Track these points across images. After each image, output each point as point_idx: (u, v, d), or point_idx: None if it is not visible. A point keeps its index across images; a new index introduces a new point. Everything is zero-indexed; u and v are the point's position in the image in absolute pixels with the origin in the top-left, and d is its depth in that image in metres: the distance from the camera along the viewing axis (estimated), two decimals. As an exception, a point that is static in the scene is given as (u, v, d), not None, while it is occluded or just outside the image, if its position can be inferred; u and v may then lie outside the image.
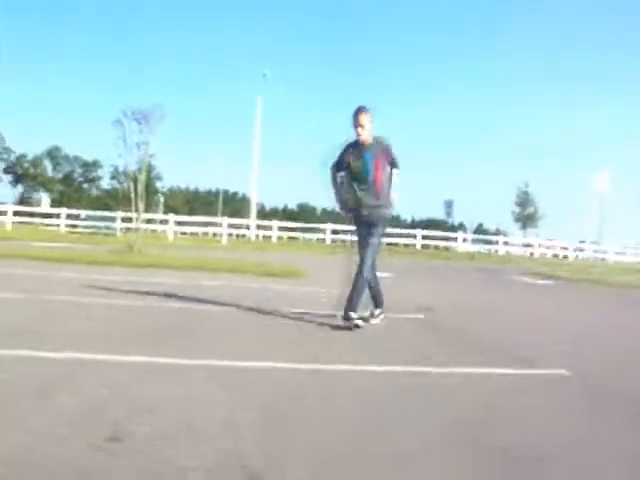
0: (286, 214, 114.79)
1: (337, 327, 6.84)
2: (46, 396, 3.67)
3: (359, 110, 7.02)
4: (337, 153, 7.27)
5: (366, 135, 7.03)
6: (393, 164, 7.19)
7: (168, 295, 8.80)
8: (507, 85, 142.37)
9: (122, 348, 5.12)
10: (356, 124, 6.99)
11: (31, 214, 41.46)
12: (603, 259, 46.55)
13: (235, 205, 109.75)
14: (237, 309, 7.94)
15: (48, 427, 3.13)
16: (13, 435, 2.99)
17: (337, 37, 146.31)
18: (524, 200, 61.71)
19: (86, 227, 37.61)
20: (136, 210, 18.25)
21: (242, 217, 49.81)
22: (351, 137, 7.14)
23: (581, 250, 49.10)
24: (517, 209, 62.03)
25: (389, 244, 39.36)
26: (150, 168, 41.87)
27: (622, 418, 4.19)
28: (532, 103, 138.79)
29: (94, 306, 7.51)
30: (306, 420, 3.65)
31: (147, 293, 8.99)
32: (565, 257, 47.84)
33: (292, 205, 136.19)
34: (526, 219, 60.92)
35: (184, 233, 41.14)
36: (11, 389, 3.80)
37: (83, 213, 43.22)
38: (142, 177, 18.32)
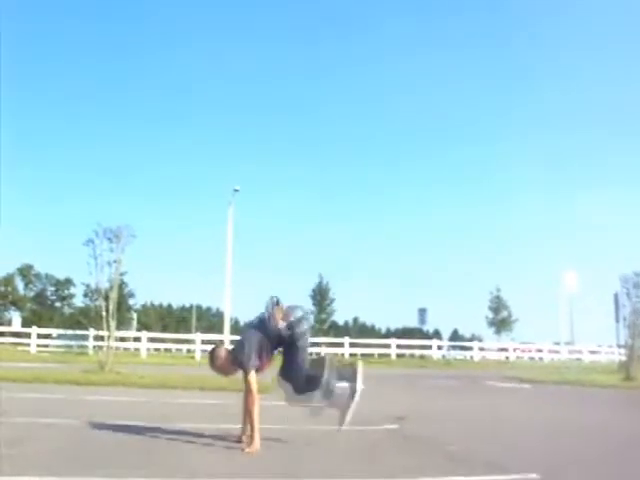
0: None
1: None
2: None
3: None
4: None
5: None
6: None
7: (141, 414, 8.69)
8: (475, 192, 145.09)
9: (86, 470, 5.05)
10: None
11: (1, 334, 40.81)
12: (578, 359, 46.65)
13: (209, 320, 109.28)
14: (202, 425, 7.87)
15: None
16: None
17: (308, 146, 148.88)
18: (497, 305, 62.09)
19: (58, 346, 37.13)
20: (108, 328, 18.18)
21: (216, 332, 49.47)
22: None
23: (556, 352, 49.20)
24: (490, 314, 62.31)
25: (364, 355, 39.25)
26: (122, 285, 41.95)
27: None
28: (502, 205, 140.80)
29: (56, 427, 7.41)
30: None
31: (117, 412, 8.87)
32: (541, 359, 47.85)
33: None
34: (500, 324, 61.12)
35: (158, 350, 40.72)
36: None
37: (55, 332, 42.71)
38: (114, 295, 18.35)
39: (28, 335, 37.18)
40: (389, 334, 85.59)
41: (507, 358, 45.51)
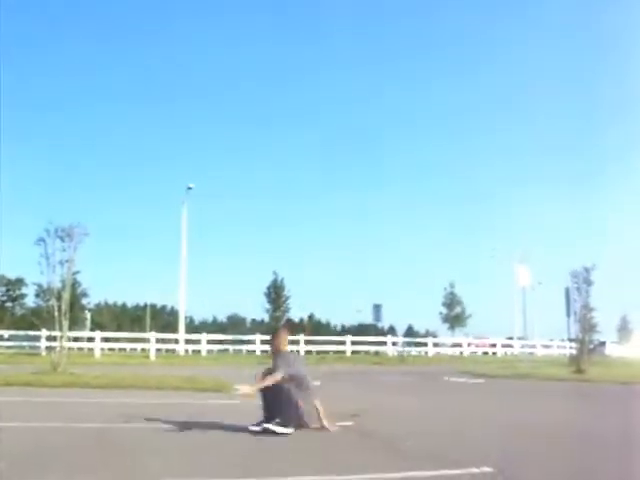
0: (215, 326, 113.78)
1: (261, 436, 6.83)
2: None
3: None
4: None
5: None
6: None
7: (95, 415, 8.62)
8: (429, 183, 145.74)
9: (40, 474, 5.01)
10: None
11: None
12: (531, 353, 47.46)
13: (164, 319, 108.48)
14: (158, 426, 7.83)
15: None
16: None
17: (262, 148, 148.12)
18: (451, 301, 62.75)
19: (9, 347, 36.56)
20: (60, 328, 17.92)
21: (171, 331, 49.14)
22: None
23: (509, 346, 49.91)
24: (444, 310, 62.91)
25: (319, 352, 39.26)
26: (75, 285, 41.37)
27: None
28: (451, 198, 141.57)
29: (7, 431, 7.32)
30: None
31: (70, 414, 8.78)
32: (494, 354, 48.48)
33: (221, 317, 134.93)
34: (454, 319, 61.78)
35: (112, 349, 40.29)
36: None
37: (6, 333, 41.99)
38: (66, 295, 18.10)
39: (-23, 337, 36.57)
40: (344, 331, 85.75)
41: (461, 353, 46.02)
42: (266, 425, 7.35)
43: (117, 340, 41.59)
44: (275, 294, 56.09)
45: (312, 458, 6.19)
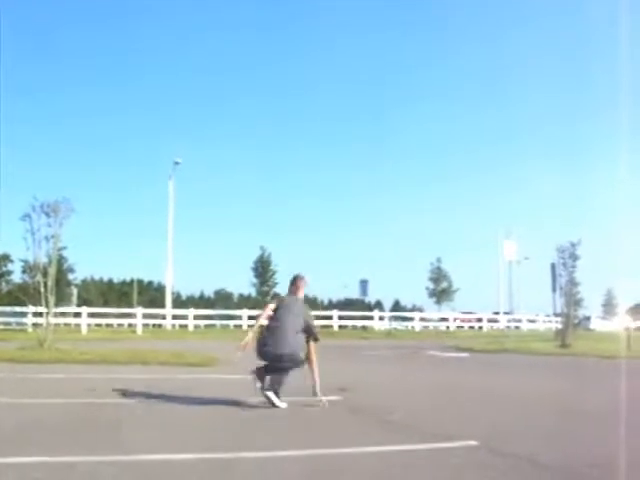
0: (203, 301, 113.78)
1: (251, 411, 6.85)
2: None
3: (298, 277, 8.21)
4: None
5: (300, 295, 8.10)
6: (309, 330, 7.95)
7: (80, 391, 8.61)
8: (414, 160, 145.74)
9: (25, 449, 5.00)
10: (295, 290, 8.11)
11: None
12: (517, 327, 47.81)
13: (151, 294, 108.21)
14: (144, 401, 7.84)
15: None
16: None
17: (249, 117, 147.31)
18: (437, 275, 62.80)
19: (-4, 323, 36.44)
20: (46, 304, 17.84)
21: (158, 306, 49.08)
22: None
23: (495, 321, 50.18)
24: (431, 285, 63.01)
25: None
26: (61, 261, 41.17)
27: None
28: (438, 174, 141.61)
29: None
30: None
31: (54, 389, 8.77)
32: (480, 328, 48.75)
33: (209, 292, 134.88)
34: (440, 294, 61.87)
35: (99, 325, 40.19)
36: None
37: (-8, 309, 41.83)
38: (52, 270, 17.99)
39: (-38, 314, 36.31)
40: (332, 306, 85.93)
41: (447, 328, 46.22)
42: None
43: (104, 316, 41.46)
44: (262, 269, 56.11)
45: (299, 432, 6.22)
